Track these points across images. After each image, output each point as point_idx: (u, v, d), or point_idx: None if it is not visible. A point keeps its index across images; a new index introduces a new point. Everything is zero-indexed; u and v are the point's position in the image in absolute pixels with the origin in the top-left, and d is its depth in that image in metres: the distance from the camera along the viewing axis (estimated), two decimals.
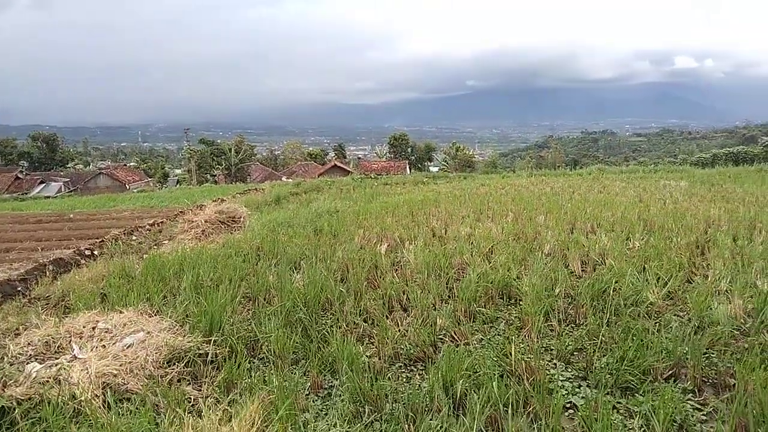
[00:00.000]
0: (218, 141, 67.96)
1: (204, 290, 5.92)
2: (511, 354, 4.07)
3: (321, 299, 5.65)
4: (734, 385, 3.65)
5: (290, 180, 32.19)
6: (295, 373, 4.20)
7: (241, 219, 12.43)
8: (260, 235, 9.38)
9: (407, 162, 53.64)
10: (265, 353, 4.60)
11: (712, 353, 4.20)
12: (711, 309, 4.88)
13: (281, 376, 4.01)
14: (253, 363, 4.49)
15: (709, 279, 5.81)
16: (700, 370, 3.86)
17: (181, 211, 13.96)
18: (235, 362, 4.26)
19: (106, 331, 4.79)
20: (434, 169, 53.98)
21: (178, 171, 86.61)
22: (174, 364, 4.36)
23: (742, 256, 6.64)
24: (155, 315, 5.29)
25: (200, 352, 4.53)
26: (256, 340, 4.82)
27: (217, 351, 4.56)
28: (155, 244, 10.17)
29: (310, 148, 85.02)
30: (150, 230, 11.61)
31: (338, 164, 52.31)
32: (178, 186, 49.64)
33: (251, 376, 4.14)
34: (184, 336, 4.72)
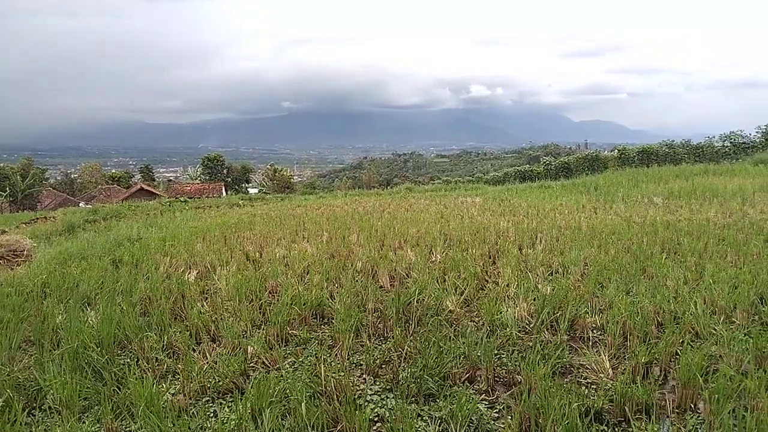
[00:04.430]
0: (0, 165, 59.13)
1: None
2: (321, 374, 4.07)
3: (118, 337, 5.12)
4: (520, 381, 4.03)
5: (88, 206, 29.02)
6: (84, 422, 3.72)
7: (25, 252, 10.83)
8: (47, 269, 8.25)
9: (223, 184, 51.92)
10: (49, 403, 4.02)
11: (503, 354, 4.58)
12: (501, 313, 5.36)
13: (67, 427, 3.55)
14: (35, 416, 3.91)
15: (500, 285, 6.39)
16: (492, 370, 4.19)
17: None
18: (9, 417, 3.66)
19: None
20: (253, 191, 52.96)
21: None
22: None
23: (526, 263, 7.46)
24: None
25: None
26: (40, 389, 4.19)
27: None
28: None
29: (113, 171, 77.53)
30: None
31: (145, 187, 48.62)
32: None
33: (31, 431, 3.62)
34: None
